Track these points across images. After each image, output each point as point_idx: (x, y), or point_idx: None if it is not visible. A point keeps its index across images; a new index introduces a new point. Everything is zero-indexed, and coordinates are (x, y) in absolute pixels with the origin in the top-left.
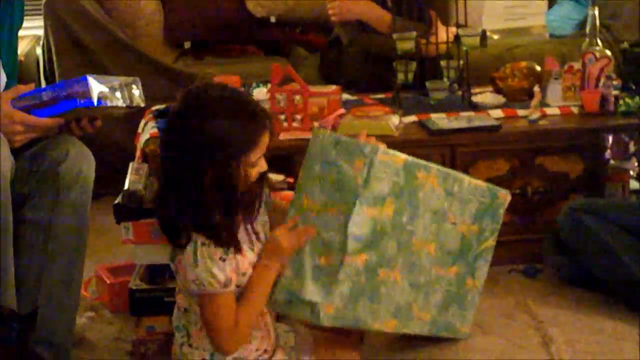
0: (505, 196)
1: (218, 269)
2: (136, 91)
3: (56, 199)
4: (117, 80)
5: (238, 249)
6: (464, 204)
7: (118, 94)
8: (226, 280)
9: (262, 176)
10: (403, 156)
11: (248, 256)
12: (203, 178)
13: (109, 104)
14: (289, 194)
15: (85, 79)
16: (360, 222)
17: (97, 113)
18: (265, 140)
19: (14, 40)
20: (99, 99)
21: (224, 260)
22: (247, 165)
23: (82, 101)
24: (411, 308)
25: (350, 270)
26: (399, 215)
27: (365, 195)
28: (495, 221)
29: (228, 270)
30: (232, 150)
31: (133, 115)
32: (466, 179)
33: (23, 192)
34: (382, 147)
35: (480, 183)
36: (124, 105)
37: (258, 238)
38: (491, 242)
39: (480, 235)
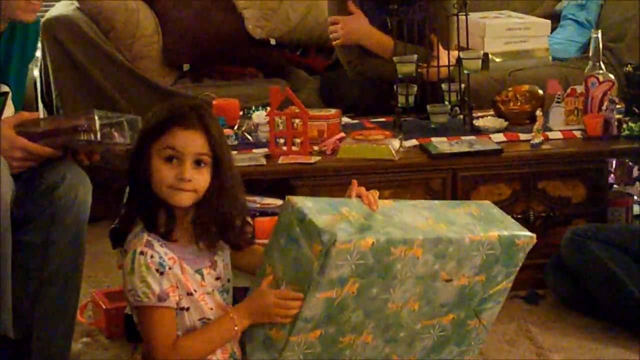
0: (527, 241)
1: (153, 279)
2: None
3: (52, 223)
4: (122, 117)
5: (168, 238)
6: (462, 261)
7: (121, 132)
8: (161, 293)
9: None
10: (371, 239)
11: (194, 277)
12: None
13: (111, 141)
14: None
15: (92, 113)
16: (312, 307)
17: (98, 148)
18: (180, 134)
19: (24, 71)
20: (102, 136)
21: (161, 273)
22: (157, 152)
23: (84, 136)
24: (389, 358)
25: (300, 346)
26: (366, 290)
27: (321, 282)
28: (511, 265)
29: (165, 285)
30: (143, 133)
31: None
32: (467, 237)
33: (18, 215)
34: (342, 235)
35: (488, 236)
36: (125, 143)
37: (213, 267)
38: (505, 284)
39: (488, 282)
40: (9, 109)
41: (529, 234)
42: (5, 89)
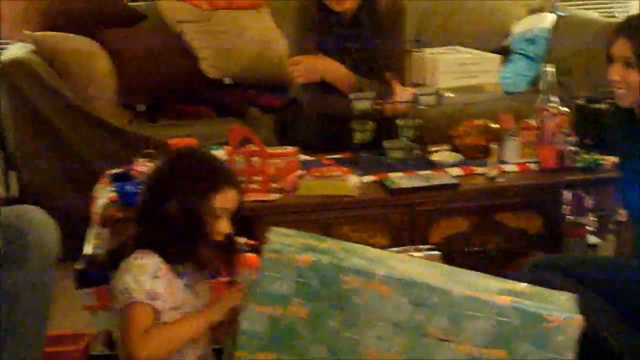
0: (563, 321)
1: (146, 278)
2: None
3: (21, 268)
4: None
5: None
6: (459, 320)
7: None
8: (151, 292)
9: (230, 241)
10: (310, 257)
11: (183, 291)
12: (170, 209)
13: None
14: (252, 257)
15: None
16: (252, 319)
17: None
18: (228, 193)
19: None
20: None
21: (155, 277)
22: (209, 209)
23: None
24: None
25: None
26: (320, 318)
27: (256, 292)
28: (548, 350)
29: (157, 287)
30: (195, 190)
31: (85, 179)
32: (456, 290)
33: None
34: (272, 244)
35: (496, 298)
36: None
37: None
38: None
39: None
40: None
41: (570, 314)
42: None
